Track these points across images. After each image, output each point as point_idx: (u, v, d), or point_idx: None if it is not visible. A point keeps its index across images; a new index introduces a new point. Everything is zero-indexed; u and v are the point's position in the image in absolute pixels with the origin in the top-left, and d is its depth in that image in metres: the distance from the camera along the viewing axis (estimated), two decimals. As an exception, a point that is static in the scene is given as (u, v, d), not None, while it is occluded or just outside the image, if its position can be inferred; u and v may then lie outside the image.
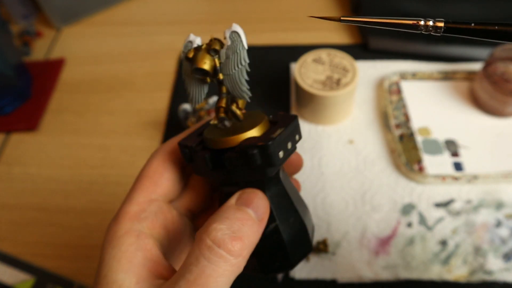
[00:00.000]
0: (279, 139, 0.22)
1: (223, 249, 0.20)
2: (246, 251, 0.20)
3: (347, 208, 0.46)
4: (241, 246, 0.20)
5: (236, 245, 0.20)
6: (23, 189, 0.51)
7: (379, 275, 0.41)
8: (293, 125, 0.24)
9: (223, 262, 0.19)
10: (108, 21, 0.71)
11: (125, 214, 0.23)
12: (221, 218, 0.21)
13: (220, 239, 0.20)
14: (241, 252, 0.20)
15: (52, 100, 0.60)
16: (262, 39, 0.65)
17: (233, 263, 0.20)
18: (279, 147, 0.22)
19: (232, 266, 0.20)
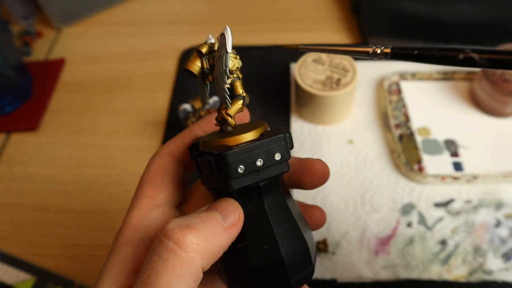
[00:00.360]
0: (237, 152, 0.20)
1: (172, 240, 0.18)
2: (201, 246, 0.18)
3: (347, 208, 0.46)
4: (194, 238, 0.18)
5: (187, 236, 0.18)
6: (23, 189, 0.51)
7: (379, 275, 0.41)
8: (269, 140, 0.21)
9: (172, 255, 0.18)
10: (108, 21, 0.71)
11: (128, 222, 0.23)
12: (184, 216, 0.20)
13: (170, 229, 0.18)
14: (193, 246, 0.18)
15: (52, 100, 0.60)
16: (262, 39, 0.65)
17: (183, 257, 0.18)
18: (237, 160, 0.20)
19: (183, 261, 0.18)
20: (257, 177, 0.21)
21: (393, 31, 0.60)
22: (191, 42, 0.65)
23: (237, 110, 0.23)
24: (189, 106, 0.51)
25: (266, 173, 0.21)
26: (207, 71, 0.23)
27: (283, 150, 0.21)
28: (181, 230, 0.18)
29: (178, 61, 0.63)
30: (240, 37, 0.65)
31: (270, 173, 0.21)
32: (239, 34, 0.66)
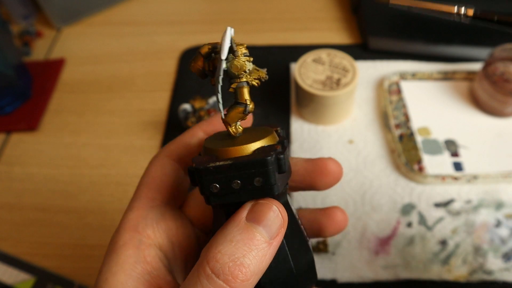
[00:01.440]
0: (212, 170, 0.19)
1: (222, 280, 0.18)
2: (251, 280, 0.18)
3: (347, 208, 0.46)
4: (244, 276, 0.18)
5: (239, 276, 0.18)
6: (23, 189, 0.51)
7: (379, 275, 0.41)
8: (249, 163, 0.19)
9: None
10: (108, 21, 0.71)
11: (125, 223, 0.22)
12: (225, 240, 0.19)
13: (220, 268, 0.18)
14: (244, 283, 0.18)
15: (52, 100, 0.60)
16: (262, 39, 0.65)
17: None
18: (212, 179, 0.19)
19: None
20: (235, 197, 0.19)
21: (393, 31, 0.60)
22: (191, 42, 0.65)
23: (236, 118, 0.21)
24: (189, 106, 0.51)
25: (245, 195, 0.19)
26: (209, 73, 0.22)
27: (265, 175, 0.19)
28: (231, 270, 0.18)
29: (178, 61, 0.63)
30: (240, 37, 0.65)
31: (250, 196, 0.20)
32: (239, 34, 0.66)
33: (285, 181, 0.21)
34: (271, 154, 0.19)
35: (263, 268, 0.19)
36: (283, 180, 0.20)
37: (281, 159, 0.19)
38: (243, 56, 0.21)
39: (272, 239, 0.19)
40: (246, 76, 0.21)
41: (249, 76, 0.21)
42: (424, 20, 0.61)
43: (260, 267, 0.19)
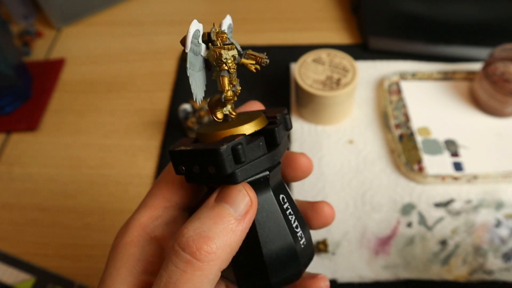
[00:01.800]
0: (179, 153, 0.20)
1: (188, 253, 0.18)
2: (218, 253, 0.18)
3: (347, 208, 0.46)
4: (210, 248, 0.18)
5: (203, 247, 0.18)
6: (23, 189, 0.51)
7: (379, 275, 0.41)
8: (202, 151, 0.19)
9: (189, 267, 0.18)
10: (108, 21, 0.71)
11: (135, 220, 0.22)
12: (193, 219, 0.19)
13: (186, 242, 0.18)
14: (210, 256, 0.18)
15: (52, 100, 0.60)
16: (262, 39, 0.65)
17: (201, 267, 0.18)
18: (179, 161, 0.21)
19: (201, 271, 0.18)
20: (207, 181, 0.21)
21: (393, 31, 0.60)
22: (191, 42, 0.65)
23: (216, 105, 0.22)
24: (189, 106, 0.51)
25: (205, 179, 0.21)
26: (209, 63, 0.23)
27: (218, 165, 0.19)
28: (196, 243, 0.18)
29: (178, 61, 0.63)
30: (240, 37, 0.65)
31: (208, 181, 0.21)
32: (239, 34, 0.66)
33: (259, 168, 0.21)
34: (223, 145, 0.19)
35: (232, 244, 0.19)
36: (255, 167, 0.20)
37: (238, 150, 0.19)
38: (223, 45, 0.21)
39: (240, 216, 0.20)
40: (222, 65, 0.22)
41: (230, 63, 0.22)
42: (424, 20, 0.61)
43: (228, 242, 0.19)
